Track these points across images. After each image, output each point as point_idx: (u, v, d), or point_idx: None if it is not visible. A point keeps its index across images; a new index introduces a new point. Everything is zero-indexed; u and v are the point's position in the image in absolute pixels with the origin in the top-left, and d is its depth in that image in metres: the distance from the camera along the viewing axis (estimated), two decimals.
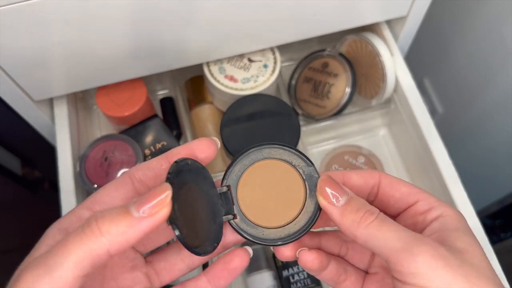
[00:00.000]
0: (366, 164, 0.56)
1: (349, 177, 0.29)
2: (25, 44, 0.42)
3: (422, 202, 0.27)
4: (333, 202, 0.26)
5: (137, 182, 0.27)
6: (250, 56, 0.55)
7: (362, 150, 0.58)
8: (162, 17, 0.43)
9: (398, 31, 0.56)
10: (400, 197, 0.28)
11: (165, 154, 0.28)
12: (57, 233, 0.26)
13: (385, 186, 0.28)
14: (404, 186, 0.28)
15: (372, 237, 0.25)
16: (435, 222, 0.27)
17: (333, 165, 0.57)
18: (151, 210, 0.22)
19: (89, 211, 0.26)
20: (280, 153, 0.29)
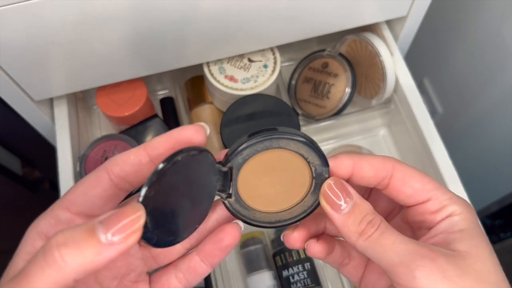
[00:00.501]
0: None
1: (360, 166, 0.27)
2: (25, 44, 0.42)
3: (434, 201, 0.26)
4: (336, 209, 0.26)
5: (115, 178, 0.25)
6: (250, 56, 0.55)
7: (362, 150, 0.58)
8: (162, 17, 0.43)
9: (398, 31, 0.56)
10: (411, 194, 0.27)
11: (143, 146, 0.25)
12: (36, 238, 0.24)
13: (397, 180, 0.27)
14: (417, 182, 0.27)
15: (371, 250, 0.25)
16: (443, 222, 0.26)
17: None
18: (120, 234, 0.20)
19: (67, 211, 0.24)
20: (298, 146, 0.27)
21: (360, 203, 0.26)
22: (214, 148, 0.57)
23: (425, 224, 0.27)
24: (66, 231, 0.20)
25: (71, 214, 0.24)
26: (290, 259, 0.53)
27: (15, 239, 0.92)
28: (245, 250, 0.55)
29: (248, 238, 0.56)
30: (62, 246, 0.20)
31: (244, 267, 0.55)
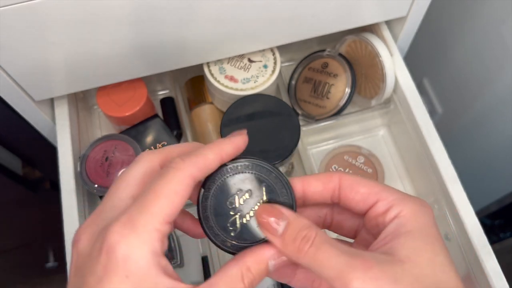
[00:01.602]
0: (366, 164, 0.56)
1: (308, 182, 0.28)
2: (26, 45, 0.42)
3: (381, 203, 0.27)
4: (273, 232, 0.26)
5: (196, 181, 0.26)
6: (250, 57, 0.55)
7: (361, 150, 0.58)
8: (163, 17, 0.43)
9: (398, 32, 0.56)
10: (361, 199, 0.27)
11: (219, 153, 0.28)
12: (158, 260, 0.24)
13: (346, 188, 0.28)
14: (364, 187, 0.27)
15: (311, 266, 0.25)
16: (391, 224, 0.26)
17: (333, 165, 0.57)
18: None
19: (168, 225, 0.25)
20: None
21: (293, 221, 0.26)
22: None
23: (379, 227, 0.27)
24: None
25: (170, 225, 0.25)
26: None
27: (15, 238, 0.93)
28: None
29: None
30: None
31: None
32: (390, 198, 0.27)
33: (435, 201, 0.53)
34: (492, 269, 0.45)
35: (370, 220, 0.27)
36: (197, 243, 0.59)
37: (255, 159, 0.29)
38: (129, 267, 0.23)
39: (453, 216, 0.50)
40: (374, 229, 0.27)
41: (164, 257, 0.25)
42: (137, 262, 0.23)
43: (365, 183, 0.28)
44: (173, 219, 0.25)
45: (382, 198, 0.27)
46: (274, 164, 0.49)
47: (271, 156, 0.49)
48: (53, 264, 1.07)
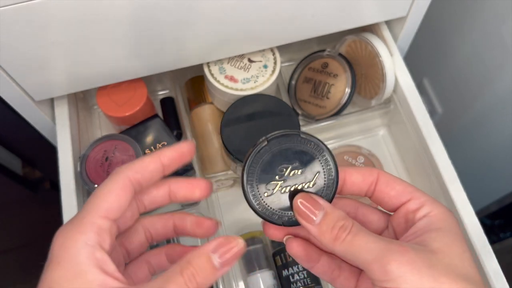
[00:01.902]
0: (366, 164, 0.56)
1: (350, 174, 0.30)
2: (26, 44, 0.42)
3: (414, 201, 0.29)
4: (310, 221, 0.28)
5: (136, 185, 0.29)
6: (250, 57, 0.55)
7: (361, 150, 0.58)
8: (162, 17, 0.43)
9: (398, 32, 0.56)
10: (395, 195, 0.29)
11: (158, 154, 0.29)
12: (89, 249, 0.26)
13: (382, 183, 0.30)
14: (399, 185, 0.30)
15: (348, 252, 0.27)
16: (421, 221, 0.28)
17: None
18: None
19: (106, 219, 0.27)
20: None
21: (330, 212, 0.28)
22: (214, 148, 0.57)
23: (408, 223, 0.29)
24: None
25: (110, 221, 0.27)
26: (290, 258, 0.54)
27: (15, 238, 0.93)
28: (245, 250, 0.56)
29: (248, 238, 0.56)
30: None
31: (244, 266, 0.56)
32: (423, 198, 0.29)
33: None
34: (492, 269, 0.45)
35: (400, 216, 0.29)
36: (197, 243, 0.59)
37: (325, 145, 0.30)
38: (61, 254, 0.25)
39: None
40: (401, 225, 0.29)
41: (103, 251, 0.26)
42: (68, 250, 0.25)
43: (400, 181, 0.30)
44: (113, 215, 0.27)
45: (415, 197, 0.29)
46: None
47: None
48: None
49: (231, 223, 0.60)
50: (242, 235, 0.57)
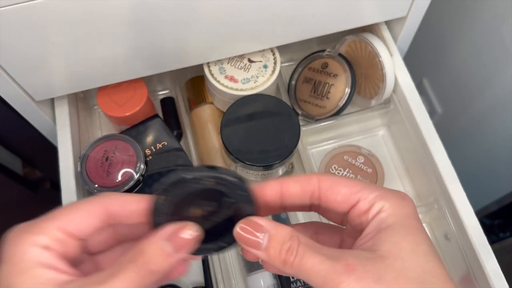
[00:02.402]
0: (366, 164, 0.57)
1: (287, 185, 0.28)
2: (26, 45, 0.42)
3: (363, 202, 0.27)
4: (257, 247, 0.26)
5: (110, 215, 0.27)
6: (250, 57, 0.55)
7: (361, 150, 0.58)
8: (163, 17, 0.43)
9: (398, 32, 0.57)
10: (342, 200, 0.27)
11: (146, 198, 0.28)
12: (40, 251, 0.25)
13: (326, 190, 0.28)
14: (345, 187, 0.27)
15: (299, 276, 0.25)
16: (373, 222, 0.26)
17: (333, 165, 0.57)
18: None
19: (61, 231, 0.26)
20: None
21: (274, 233, 0.26)
22: (214, 148, 0.57)
23: (363, 226, 0.27)
24: None
25: (64, 235, 0.26)
26: None
27: None
28: None
29: None
30: None
31: (244, 266, 0.56)
32: (371, 196, 0.27)
33: (435, 201, 0.53)
34: (492, 269, 0.45)
35: (354, 219, 0.28)
36: None
37: (214, 171, 0.27)
38: (10, 250, 0.25)
39: (453, 216, 0.50)
40: (359, 227, 0.28)
41: (52, 254, 0.25)
42: (17, 248, 0.25)
43: (345, 183, 0.28)
44: (71, 231, 0.26)
45: (363, 197, 0.27)
46: (273, 164, 0.50)
47: (271, 156, 0.50)
48: None
49: None
50: None
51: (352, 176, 0.56)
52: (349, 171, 0.56)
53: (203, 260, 0.57)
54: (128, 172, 0.50)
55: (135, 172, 0.50)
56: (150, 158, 0.53)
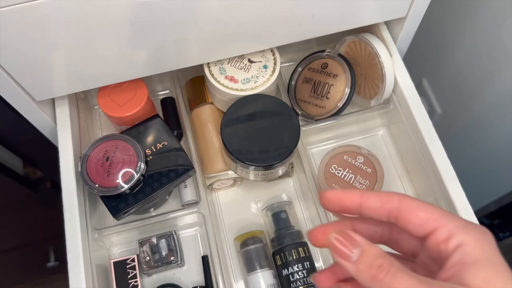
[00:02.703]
0: (365, 164, 0.57)
1: (367, 198, 0.29)
2: (27, 45, 0.42)
3: (442, 229, 0.27)
4: (346, 258, 0.26)
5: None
6: (250, 57, 0.55)
7: (361, 150, 0.58)
8: (163, 18, 0.43)
9: (397, 32, 0.57)
10: (419, 223, 0.27)
11: None
12: None
13: (404, 210, 0.28)
14: (423, 211, 0.27)
15: None
16: (455, 254, 0.26)
17: (333, 165, 0.57)
18: None
19: None
20: None
21: (367, 249, 0.26)
22: (214, 148, 0.57)
23: (441, 254, 0.27)
24: None
25: None
26: (290, 258, 0.54)
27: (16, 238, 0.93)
28: (245, 249, 0.56)
29: (248, 237, 0.56)
30: None
31: (244, 266, 0.56)
32: (451, 225, 0.27)
33: (434, 201, 0.53)
34: None
35: (432, 246, 0.28)
36: (198, 243, 0.59)
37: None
38: None
39: None
40: (436, 255, 0.28)
41: None
42: None
43: (425, 207, 0.28)
44: None
45: (442, 225, 0.27)
46: (273, 164, 0.50)
47: (271, 156, 0.50)
48: (54, 264, 1.07)
49: (231, 223, 0.60)
50: (242, 234, 0.57)
51: (352, 176, 0.56)
52: (348, 171, 0.56)
53: (203, 260, 0.57)
54: (129, 172, 0.50)
55: (136, 172, 0.50)
56: (150, 158, 0.53)
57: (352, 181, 0.56)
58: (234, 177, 0.58)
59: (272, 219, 0.57)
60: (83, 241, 0.49)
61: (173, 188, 0.59)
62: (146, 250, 0.56)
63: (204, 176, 0.58)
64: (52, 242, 1.06)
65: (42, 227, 0.96)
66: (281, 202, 0.59)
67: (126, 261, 0.56)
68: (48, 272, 1.09)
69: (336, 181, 0.56)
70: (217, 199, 0.62)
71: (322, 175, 0.56)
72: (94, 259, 0.51)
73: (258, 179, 0.55)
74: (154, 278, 0.57)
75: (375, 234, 0.31)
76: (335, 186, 0.56)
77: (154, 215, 0.56)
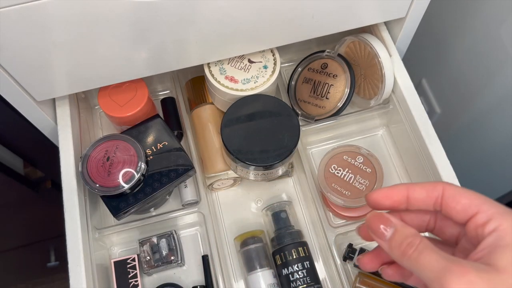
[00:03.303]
0: (365, 164, 0.57)
1: (413, 190, 0.31)
2: (28, 45, 0.42)
3: (481, 215, 0.28)
4: (381, 236, 0.29)
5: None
6: (250, 57, 0.56)
7: (361, 150, 0.58)
8: (163, 18, 0.43)
9: (397, 33, 0.57)
10: (461, 209, 0.29)
11: None
12: None
13: (448, 198, 0.30)
14: (466, 198, 0.29)
15: (412, 268, 0.27)
16: (490, 237, 0.27)
17: (332, 164, 0.57)
18: None
19: None
20: None
21: (400, 229, 0.29)
22: (214, 148, 0.57)
23: (478, 238, 0.28)
24: None
25: None
26: (289, 257, 0.54)
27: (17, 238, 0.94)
28: (245, 249, 0.56)
29: (248, 237, 0.57)
30: None
31: (244, 265, 0.56)
32: (490, 211, 0.28)
33: None
34: None
35: (471, 231, 0.29)
36: (198, 242, 0.60)
37: None
38: None
39: None
40: (474, 239, 0.29)
41: None
42: None
43: (467, 194, 0.29)
44: None
45: (482, 210, 0.28)
46: (273, 164, 0.50)
47: (271, 156, 0.50)
48: (54, 264, 1.07)
49: (231, 223, 0.60)
50: (242, 234, 0.57)
51: (351, 176, 0.56)
52: (348, 171, 0.57)
53: (203, 260, 0.57)
54: (129, 172, 0.50)
55: (136, 172, 0.50)
56: (151, 158, 0.53)
57: (352, 181, 0.56)
58: (234, 177, 0.59)
59: (272, 218, 0.58)
60: (84, 240, 0.49)
61: (173, 188, 0.59)
62: (147, 249, 0.56)
63: (204, 176, 0.58)
64: (53, 242, 1.06)
65: (43, 227, 0.96)
66: (281, 202, 0.59)
67: (126, 260, 0.56)
68: (49, 272, 1.09)
69: (335, 181, 0.56)
70: (217, 199, 0.62)
71: (322, 175, 0.57)
72: (95, 258, 0.51)
73: (258, 179, 0.55)
74: (155, 278, 0.58)
75: (422, 223, 0.33)
76: (335, 186, 0.56)
77: (154, 215, 0.57)
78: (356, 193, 0.55)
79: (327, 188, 0.56)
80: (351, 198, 0.55)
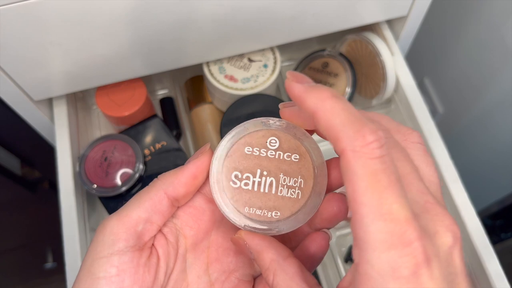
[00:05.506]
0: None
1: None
2: (25, 44, 0.42)
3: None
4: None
5: (170, 197, 0.28)
6: (250, 56, 0.55)
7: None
8: (162, 16, 0.43)
9: (399, 31, 0.56)
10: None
11: (191, 168, 0.30)
12: (112, 241, 0.26)
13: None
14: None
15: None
16: None
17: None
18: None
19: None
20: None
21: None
22: (214, 148, 0.57)
23: None
24: None
25: (139, 220, 0.28)
26: None
27: (14, 239, 0.93)
28: None
29: None
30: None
31: None
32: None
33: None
34: (494, 270, 0.45)
35: None
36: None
37: None
38: (98, 234, 0.27)
39: (454, 216, 0.49)
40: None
41: (130, 240, 0.26)
42: (104, 230, 0.26)
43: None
44: (144, 219, 0.27)
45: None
46: None
47: None
48: (52, 265, 1.06)
49: None
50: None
51: None
52: None
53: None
54: (127, 173, 0.50)
55: (134, 172, 0.50)
56: (149, 158, 0.52)
57: None
58: None
59: None
60: (81, 242, 0.48)
61: None
62: None
63: None
64: (50, 243, 1.05)
65: (40, 228, 0.96)
66: None
67: None
68: (46, 273, 1.08)
69: None
70: None
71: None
72: None
73: None
74: None
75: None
76: None
77: None
78: None
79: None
80: None
